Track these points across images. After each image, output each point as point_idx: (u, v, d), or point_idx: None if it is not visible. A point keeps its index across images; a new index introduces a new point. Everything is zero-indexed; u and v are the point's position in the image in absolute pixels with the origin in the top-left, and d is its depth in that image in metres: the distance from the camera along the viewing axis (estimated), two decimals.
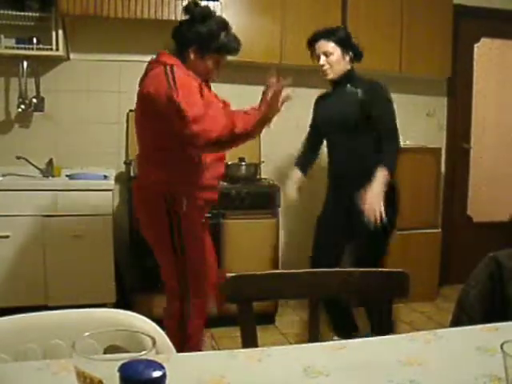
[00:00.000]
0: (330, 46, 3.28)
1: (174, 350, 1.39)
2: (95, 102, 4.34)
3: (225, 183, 4.18)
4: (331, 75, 3.33)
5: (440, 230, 4.86)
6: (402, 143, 4.78)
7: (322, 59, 3.29)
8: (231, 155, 4.28)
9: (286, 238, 4.69)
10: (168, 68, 2.58)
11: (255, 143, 4.54)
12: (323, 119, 3.54)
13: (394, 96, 4.95)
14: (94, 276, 3.80)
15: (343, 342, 1.26)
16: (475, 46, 5.25)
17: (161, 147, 2.72)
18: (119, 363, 0.72)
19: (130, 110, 4.31)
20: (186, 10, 2.78)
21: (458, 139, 5.26)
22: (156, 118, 2.63)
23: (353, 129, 3.30)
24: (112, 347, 1.09)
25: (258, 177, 4.38)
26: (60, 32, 3.92)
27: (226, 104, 2.90)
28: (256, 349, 1.26)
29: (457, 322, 2.08)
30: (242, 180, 4.14)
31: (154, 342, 0.83)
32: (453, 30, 4.87)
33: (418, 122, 5.11)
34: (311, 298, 1.60)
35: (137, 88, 2.77)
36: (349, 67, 3.34)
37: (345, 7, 4.50)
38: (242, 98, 4.50)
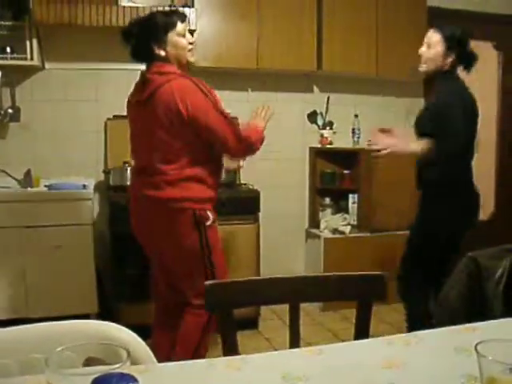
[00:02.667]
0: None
1: (154, 360, 1.38)
2: (72, 111, 4.31)
3: None
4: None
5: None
6: None
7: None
8: None
9: (266, 243, 4.68)
10: (197, 83, 2.70)
11: None
12: None
13: (371, 98, 5.04)
14: (75, 286, 3.76)
15: (322, 346, 1.25)
16: None
17: (195, 162, 2.77)
18: (92, 377, 0.71)
19: (108, 119, 4.30)
20: (130, 24, 2.91)
21: None
22: (192, 132, 2.71)
23: None
24: (91, 359, 1.08)
25: (237, 182, 4.38)
26: (34, 41, 3.90)
27: None
28: (235, 357, 1.25)
29: (439, 322, 2.09)
30: (222, 185, 4.13)
31: (129, 354, 0.83)
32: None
33: (396, 123, 5.14)
34: (291, 303, 1.60)
35: (125, 98, 2.86)
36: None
37: (320, 11, 4.52)
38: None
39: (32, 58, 3.91)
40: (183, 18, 2.83)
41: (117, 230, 3.81)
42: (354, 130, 4.88)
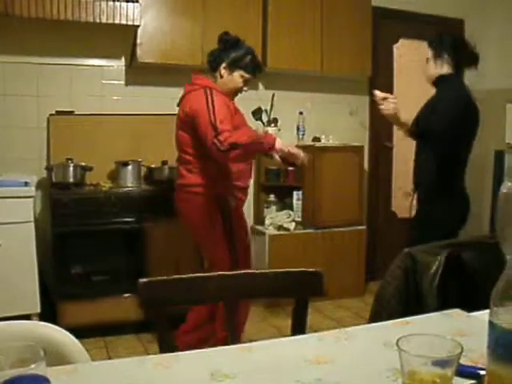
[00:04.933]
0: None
1: (89, 359, 1.36)
2: (13, 106, 4.20)
3: (147, 186, 4.16)
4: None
5: (365, 226, 4.95)
6: (325, 141, 4.89)
7: None
8: (155, 158, 4.26)
9: None
10: (208, 91, 3.13)
11: None
12: None
13: (317, 95, 5.08)
14: (16, 286, 3.67)
15: (252, 344, 1.26)
16: (394, 46, 5.40)
17: (202, 156, 3.18)
18: (1, 380, 0.70)
19: (51, 115, 4.22)
20: (220, 39, 3.36)
21: (380, 138, 5.38)
22: (196, 131, 3.12)
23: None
24: (20, 361, 1.06)
25: None
26: None
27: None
28: (165, 354, 1.24)
29: (375, 317, 2.11)
30: (166, 183, 4.11)
31: (45, 354, 0.81)
32: (372, 31, 4.98)
33: (341, 120, 5.20)
34: (226, 300, 1.60)
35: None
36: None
37: (265, 8, 4.53)
38: (165, 99, 4.49)
39: None
40: (257, 73, 3.39)
41: (59, 227, 3.76)
42: (298, 127, 4.91)
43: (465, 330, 1.33)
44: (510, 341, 0.78)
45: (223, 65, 3.29)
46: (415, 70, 4.23)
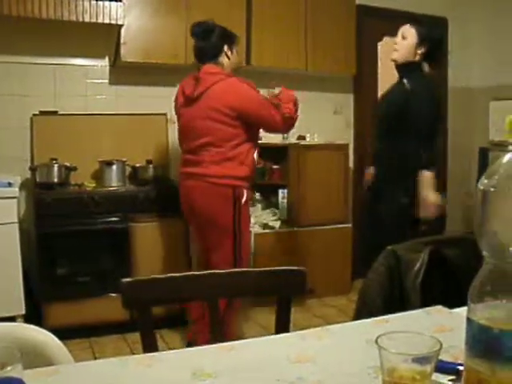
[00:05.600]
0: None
1: (72, 360, 1.36)
2: None
3: (132, 186, 4.15)
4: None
5: (350, 224, 4.96)
6: (310, 140, 4.90)
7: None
8: (139, 158, 4.25)
9: None
10: (236, 78, 3.34)
11: (163, 144, 4.52)
12: None
13: (301, 94, 5.07)
14: (0, 288, 3.65)
15: (234, 342, 1.26)
16: (378, 44, 5.40)
17: (235, 146, 3.33)
18: None
19: (34, 115, 4.19)
20: (203, 30, 3.41)
21: (365, 136, 5.39)
22: (255, 118, 3.34)
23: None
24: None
25: (166, 178, 4.34)
26: None
27: None
28: (147, 354, 1.24)
29: (359, 315, 2.12)
30: (151, 182, 4.10)
31: (21, 356, 0.81)
32: (356, 29, 5.00)
33: (326, 119, 5.21)
34: (210, 299, 1.59)
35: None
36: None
37: (250, 7, 4.53)
38: (149, 98, 4.48)
39: None
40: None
41: (43, 228, 3.73)
42: None
43: (447, 327, 1.33)
44: (487, 337, 0.79)
45: (225, 47, 3.42)
46: None
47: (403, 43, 3.37)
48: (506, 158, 0.82)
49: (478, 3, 5.75)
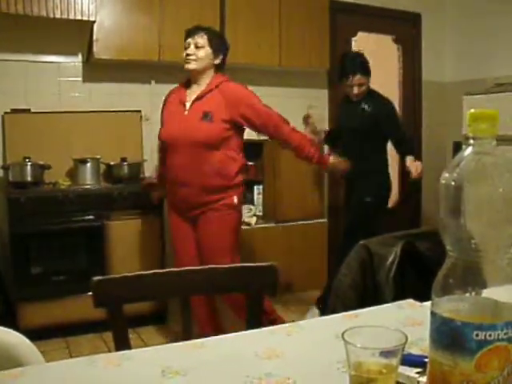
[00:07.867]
0: None
1: (43, 361, 1.35)
2: None
3: (106, 184, 4.12)
4: None
5: (326, 219, 4.98)
6: None
7: None
8: (114, 155, 4.22)
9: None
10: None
11: (137, 142, 4.49)
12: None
13: (274, 89, 5.08)
14: None
15: (204, 339, 1.26)
16: (352, 39, 5.42)
17: (229, 154, 3.33)
18: None
19: (6, 113, 4.14)
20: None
21: None
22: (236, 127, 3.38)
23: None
24: None
25: (141, 176, 4.32)
26: None
27: None
28: (116, 353, 1.24)
29: (333, 310, 2.13)
30: (125, 180, 4.08)
31: None
32: (330, 25, 5.00)
33: (300, 114, 5.20)
34: (181, 296, 1.59)
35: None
36: None
37: (223, 2, 4.51)
38: (123, 96, 4.45)
39: None
40: (188, 33, 3.35)
41: (17, 228, 3.69)
42: None
43: (417, 320, 1.35)
44: (449, 329, 0.79)
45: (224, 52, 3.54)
46: (374, 64, 4.28)
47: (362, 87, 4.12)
48: (467, 151, 0.83)
49: None
